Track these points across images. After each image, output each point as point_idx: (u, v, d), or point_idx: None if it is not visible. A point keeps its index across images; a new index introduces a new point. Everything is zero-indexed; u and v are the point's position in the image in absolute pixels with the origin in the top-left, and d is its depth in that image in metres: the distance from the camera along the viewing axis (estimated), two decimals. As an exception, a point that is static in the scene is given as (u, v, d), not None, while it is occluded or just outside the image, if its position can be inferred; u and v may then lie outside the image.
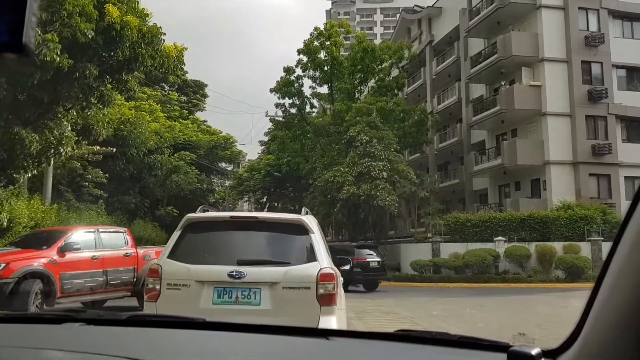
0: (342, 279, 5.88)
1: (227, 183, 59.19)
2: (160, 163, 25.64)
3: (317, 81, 35.79)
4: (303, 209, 6.42)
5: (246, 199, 55.88)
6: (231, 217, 6.01)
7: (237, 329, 2.08)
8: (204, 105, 43.66)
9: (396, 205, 29.10)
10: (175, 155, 34.76)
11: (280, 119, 36.98)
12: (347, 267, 20.64)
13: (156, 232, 33.17)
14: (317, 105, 37.87)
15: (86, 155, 21.98)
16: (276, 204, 54.09)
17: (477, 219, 28.00)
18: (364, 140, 29.82)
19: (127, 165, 24.77)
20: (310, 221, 5.64)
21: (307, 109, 36.80)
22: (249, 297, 5.02)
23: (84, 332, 2.00)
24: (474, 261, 25.67)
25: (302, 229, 5.42)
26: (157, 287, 5.11)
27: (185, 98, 43.31)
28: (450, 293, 21.90)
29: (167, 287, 5.09)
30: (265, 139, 57.57)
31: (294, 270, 5.15)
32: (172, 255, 5.27)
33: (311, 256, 5.25)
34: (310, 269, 5.12)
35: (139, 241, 30.83)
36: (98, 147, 22.02)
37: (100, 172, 22.15)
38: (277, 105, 35.63)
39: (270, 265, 5.26)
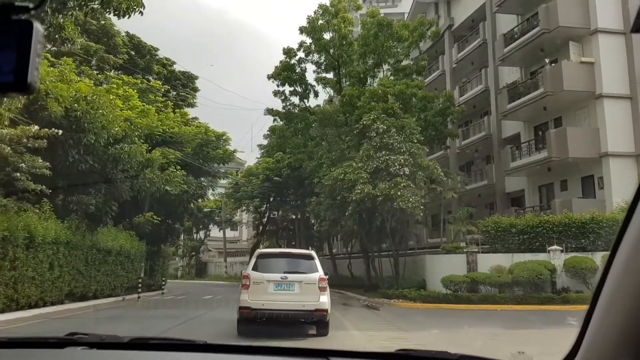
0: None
1: (223, 190, 53.70)
2: (128, 154, 19.95)
3: (322, 66, 30.30)
4: (310, 248, 15.10)
5: (243, 207, 50.27)
6: (279, 252, 15.09)
7: (239, 350, 2.37)
8: (194, 101, 38.17)
9: (421, 207, 23.40)
10: (156, 151, 29.20)
11: (280, 109, 31.33)
12: None
13: (132, 243, 27.65)
14: (323, 93, 32.16)
15: (24, 140, 16.38)
16: (276, 213, 48.49)
17: (524, 223, 22.27)
18: (381, 130, 24.22)
19: (85, 157, 19.10)
20: (313, 253, 12.80)
21: (311, 98, 31.14)
22: (289, 287, 11.56)
23: (86, 356, 2.16)
24: (525, 276, 19.91)
25: (310, 257, 12.49)
26: (248, 283, 11.58)
27: (172, 92, 37.85)
28: (511, 320, 16.14)
29: (253, 283, 11.55)
30: (265, 142, 52.33)
31: (308, 276, 11.77)
32: (254, 268, 11.93)
33: (315, 269, 11.98)
34: (315, 275, 11.80)
35: (105, 253, 25.36)
36: (37, 128, 16.42)
37: (40, 160, 16.48)
38: (275, 94, 30.19)
39: (298, 274, 11.81)
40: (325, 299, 11.45)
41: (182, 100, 36.48)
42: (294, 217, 46.18)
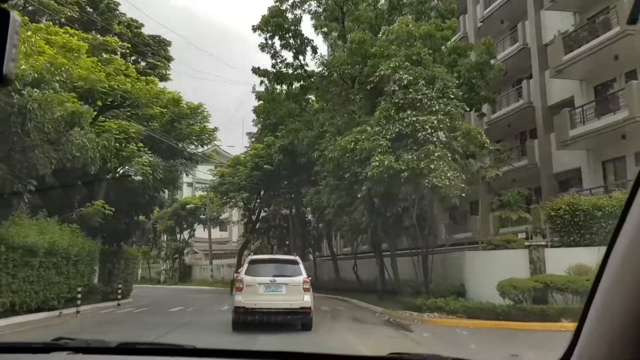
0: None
1: (211, 181, 46.95)
2: (39, 104, 13.13)
3: (322, 16, 23.67)
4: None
5: (230, 202, 43.47)
6: (268, 258, 16.58)
7: (227, 355, 2.33)
8: (168, 73, 31.39)
9: (462, 186, 16.81)
10: (111, 122, 22.42)
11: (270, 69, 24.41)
12: None
13: (74, 240, 20.87)
14: (323, 47, 25.11)
15: None
16: (267, 209, 41.77)
17: (614, 204, 15.62)
18: (405, 82, 17.63)
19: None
20: (298, 259, 14.75)
21: (308, 59, 24.32)
22: (277, 289, 12.86)
23: None
24: (630, 280, 13.34)
25: (295, 262, 14.12)
26: (242, 286, 12.95)
27: (141, 62, 31.11)
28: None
29: (246, 286, 12.85)
30: (255, 129, 45.65)
31: (294, 279, 13.07)
32: (247, 273, 13.23)
33: (299, 273, 13.38)
34: (300, 278, 13.14)
35: (26, 252, 15.76)
36: None
37: None
38: (262, 48, 23.50)
39: (285, 277, 13.06)
40: (308, 298, 12.92)
41: (152, 69, 29.72)
42: (287, 212, 39.44)
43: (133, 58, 30.30)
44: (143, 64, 31.18)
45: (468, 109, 18.21)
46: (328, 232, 33.72)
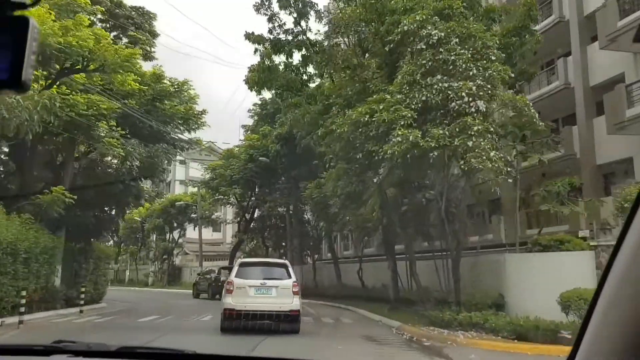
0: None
1: (202, 176, 43.20)
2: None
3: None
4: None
5: (222, 199, 39.70)
6: (258, 261, 15.61)
7: None
8: (152, 50, 27.61)
9: (508, 171, 13.14)
10: (79, 98, 18.64)
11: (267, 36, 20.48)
12: None
13: (25, 234, 17.11)
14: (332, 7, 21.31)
15: None
16: (263, 206, 37.97)
17: None
18: (435, 38, 13.96)
19: None
20: (287, 262, 14.53)
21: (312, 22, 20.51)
22: (267, 292, 12.90)
23: None
24: None
25: (285, 265, 14.00)
26: (232, 288, 12.85)
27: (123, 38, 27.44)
28: None
29: (236, 288, 12.82)
30: (251, 122, 41.94)
31: (283, 282, 13.09)
32: (237, 275, 13.16)
33: (289, 276, 13.31)
34: (289, 282, 13.11)
35: None
36: None
37: None
38: (258, 8, 19.61)
39: (275, 280, 13.08)
40: (297, 301, 13.06)
41: (133, 43, 25.98)
42: (284, 210, 35.64)
43: (114, 34, 26.64)
44: (125, 40, 27.48)
45: (512, 74, 14.47)
46: (329, 231, 29.99)
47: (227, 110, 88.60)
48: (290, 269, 13.71)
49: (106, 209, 23.08)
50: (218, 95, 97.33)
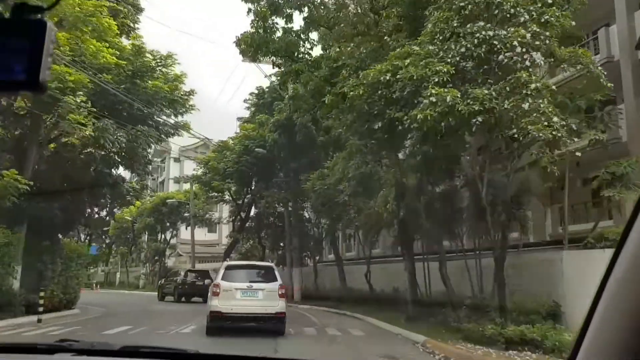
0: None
1: (194, 170, 40.05)
2: None
3: None
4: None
5: (217, 197, 36.56)
6: (245, 264, 15.76)
7: None
8: (135, 26, 24.44)
9: (575, 141, 10.07)
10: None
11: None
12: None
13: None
14: None
15: None
16: (259, 204, 34.80)
17: None
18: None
19: None
20: (273, 265, 15.20)
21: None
22: (254, 295, 12.76)
23: None
24: None
25: (271, 268, 14.16)
26: (218, 291, 12.67)
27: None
28: None
29: (223, 291, 12.63)
30: (247, 114, 38.80)
31: (270, 285, 12.97)
32: (223, 278, 12.97)
33: (275, 279, 13.25)
34: (275, 285, 13.04)
35: None
36: None
37: None
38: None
39: (261, 283, 13.04)
40: (283, 304, 12.97)
41: (114, 16, 22.85)
42: (282, 206, 32.46)
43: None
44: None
45: (573, 22, 11.39)
46: (332, 230, 26.89)
47: (222, 101, 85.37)
48: (276, 272, 13.93)
49: (76, 201, 19.83)
50: (212, 91, 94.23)
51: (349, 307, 22.80)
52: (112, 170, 20.32)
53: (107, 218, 31.39)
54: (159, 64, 19.84)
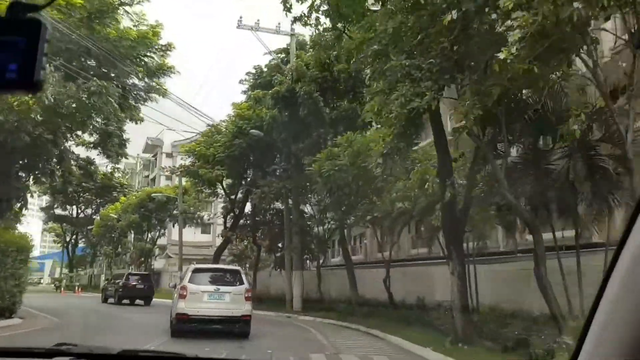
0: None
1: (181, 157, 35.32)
2: None
3: None
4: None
5: (202, 188, 31.80)
6: (212, 267, 16.97)
7: None
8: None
9: None
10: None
11: None
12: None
13: None
14: None
15: None
16: (254, 195, 30.08)
17: None
18: None
19: None
20: (240, 269, 15.87)
21: None
22: (221, 297, 12.78)
23: None
24: None
25: (238, 271, 14.51)
26: (185, 293, 12.60)
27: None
28: None
29: (190, 293, 12.61)
30: (243, 98, 34.04)
31: (237, 288, 13.08)
32: (190, 281, 12.93)
33: (242, 282, 13.45)
34: (242, 288, 13.16)
35: None
36: None
37: None
38: None
39: (228, 286, 13.09)
40: (249, 307, 13.10)
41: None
42: (280, 203, 27.71)
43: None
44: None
45: None
46: (342, 225, 22.18)
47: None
48: (243, 275, 14.32)
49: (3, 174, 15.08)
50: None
51: (363, 320, 18.20)
52: (58, 137, 15.55)
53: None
54: (123, 2, 15.18)
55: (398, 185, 14.63)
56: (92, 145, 20.15)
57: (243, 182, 28.07)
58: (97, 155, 26.76)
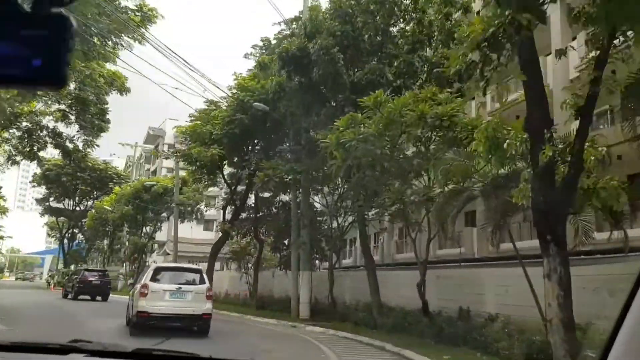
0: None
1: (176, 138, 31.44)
2: None
3: None
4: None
5: (196, 172, 27.67)
6: (174, 267, 16.36)
7: None
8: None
9: None
10: None
11: None
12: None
13: None
14: None
15: None
16: (254, 178, 25.90)
17: None
18: None
19: None
20: (202, 269, 16.06)
21: None
22: (182, 296, 12.95)
23: None
24: None
25: (199, 271, 14.49)
26: (146, 292, 12.68)
27: None
28: None
29: (151, 292, 12.69)
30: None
31: (198, 287, 13.29)
32: (152, 279, 13.07)
33: (203, 281, 13.63)
34: (203, 287, 13.39)
35: None
36: None
37: None
38: None
39: (190, 285, 13.27)
40: (210, 305, 13.29)
41: None
42: (287, 193, 23.54)
43: None
44: None
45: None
46: (362, 216, 18.00)
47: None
48: (204, 275, 14.49)
49: None
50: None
51: (388, 335, 14.14)
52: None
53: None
54: None
55: (447, 155, 10.52)
56: (61, 114, 16.18)
57: (244, 166, 23.86)
58: (77, 132, 23.14)
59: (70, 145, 23.47)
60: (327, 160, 15.85)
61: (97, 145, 22.57)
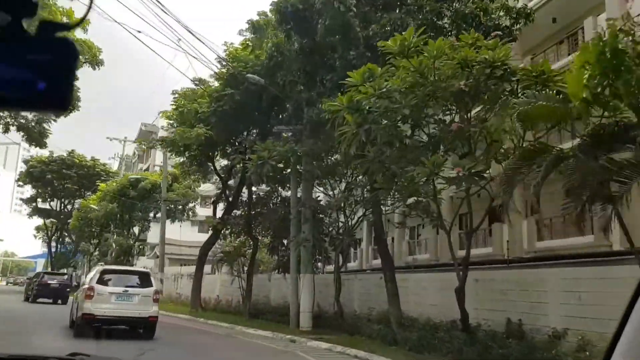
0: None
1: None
2: None
3: None
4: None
5: (202, 170, 24.37)
6: (122, 269, 16.68)
7: None
8: None
9: None
10: None
11: None
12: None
13: None
14: None
15: None
16: (253, 174, 22.39)
17: None
18: None
19: None
20: (149, 271, 15.68)
21: None
22: (129, 299, 12.79)
23: None
24: None
25: (147, 274, 14.40)
26: (92, 294, 12.48)
27: None
28: None
29: (97, 294, 12.51)
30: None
31: (145, 290, 13.09)
32: (98, 282, 12.92)
33: (150, 284, 13.42)
34: (151, 290, 13.18)
35: None
36: None
37: None
38: None
39: (137, 288, 13.08)
40: (156, 308, 13.11)
41: None
42: (287, 189, 20.01)
43: None
44: None
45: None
46: (378, 208, 14.60)
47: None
48: (152, 278, 14.23)
49: None
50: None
51: (413, 355, 10.83)
52: None
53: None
54: None
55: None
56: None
57: (237, 149, 20.42)
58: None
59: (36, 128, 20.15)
60: (334, 139, 12.46)
61: (55, 120, 19.22)
